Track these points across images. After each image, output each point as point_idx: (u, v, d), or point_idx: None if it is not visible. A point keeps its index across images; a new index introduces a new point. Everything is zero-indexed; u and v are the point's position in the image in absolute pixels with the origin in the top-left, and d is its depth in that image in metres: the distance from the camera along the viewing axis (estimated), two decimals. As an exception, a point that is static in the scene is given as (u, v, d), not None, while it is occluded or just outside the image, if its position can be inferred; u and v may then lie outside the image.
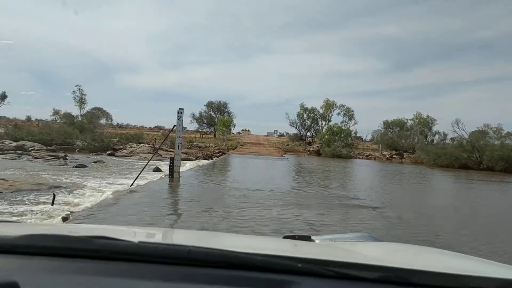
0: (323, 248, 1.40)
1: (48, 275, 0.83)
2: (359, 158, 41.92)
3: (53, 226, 2.84)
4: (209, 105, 67.94)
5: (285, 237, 1.49)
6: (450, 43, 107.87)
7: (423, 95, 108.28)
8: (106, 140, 32.92)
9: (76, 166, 16.45)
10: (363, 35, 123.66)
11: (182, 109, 11.39)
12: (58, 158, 19.49)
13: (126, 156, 27.80)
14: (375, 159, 41.78)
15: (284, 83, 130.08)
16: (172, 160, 11.44)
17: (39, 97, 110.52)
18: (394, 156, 43.82)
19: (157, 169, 18.50)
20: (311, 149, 47.38)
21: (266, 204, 8.53)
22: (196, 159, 26.53)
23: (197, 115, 68.89)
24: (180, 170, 12.60)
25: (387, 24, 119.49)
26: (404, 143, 52.60)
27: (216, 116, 66.23)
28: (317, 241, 1.50)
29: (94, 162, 19.29)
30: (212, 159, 27.93)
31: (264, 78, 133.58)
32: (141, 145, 30.73)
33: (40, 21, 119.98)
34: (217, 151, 34.05)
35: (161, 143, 14.20)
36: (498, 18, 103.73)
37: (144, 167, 11.09)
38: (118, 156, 27.56)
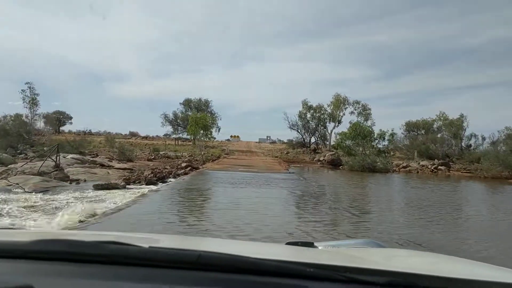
0: (330, 254, 1.39)
1: (61, 280, 0.83)
2: (394, 171, 29.07)
3: (65, 232, 2.91)
4: (187, 103, 53.20)
5: (288, 244, 1.46)
6: (438, 50, 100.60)
7: (411, 102, 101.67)
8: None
9: None
10: (352, 43, 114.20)
11: None
12: None
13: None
14: (417, 172, 28.98)
15: (274, 91, 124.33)
16: None
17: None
18: (439, 167, 31.19)
19: None
20: (321, 159, 34.35)
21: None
22: (128, 185, 13.27)
23: (171, 116, 55.00)
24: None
25: (377, 32, 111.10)
26: (439, 149, 40.20)
27: (195, 117, 52.62)
28: (320, 247, 1.46)
29: None
30: (165, 182, 14.76)
31: (254, 87, 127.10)
32: (33, 158, 17.23)
33: (27, 30, 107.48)
34: (184, 165, 20.72)
35: None
36: (485, 26, 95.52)
37: None
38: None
